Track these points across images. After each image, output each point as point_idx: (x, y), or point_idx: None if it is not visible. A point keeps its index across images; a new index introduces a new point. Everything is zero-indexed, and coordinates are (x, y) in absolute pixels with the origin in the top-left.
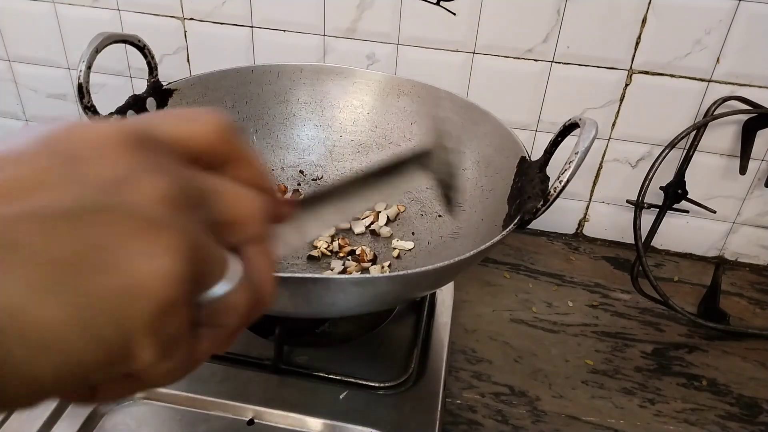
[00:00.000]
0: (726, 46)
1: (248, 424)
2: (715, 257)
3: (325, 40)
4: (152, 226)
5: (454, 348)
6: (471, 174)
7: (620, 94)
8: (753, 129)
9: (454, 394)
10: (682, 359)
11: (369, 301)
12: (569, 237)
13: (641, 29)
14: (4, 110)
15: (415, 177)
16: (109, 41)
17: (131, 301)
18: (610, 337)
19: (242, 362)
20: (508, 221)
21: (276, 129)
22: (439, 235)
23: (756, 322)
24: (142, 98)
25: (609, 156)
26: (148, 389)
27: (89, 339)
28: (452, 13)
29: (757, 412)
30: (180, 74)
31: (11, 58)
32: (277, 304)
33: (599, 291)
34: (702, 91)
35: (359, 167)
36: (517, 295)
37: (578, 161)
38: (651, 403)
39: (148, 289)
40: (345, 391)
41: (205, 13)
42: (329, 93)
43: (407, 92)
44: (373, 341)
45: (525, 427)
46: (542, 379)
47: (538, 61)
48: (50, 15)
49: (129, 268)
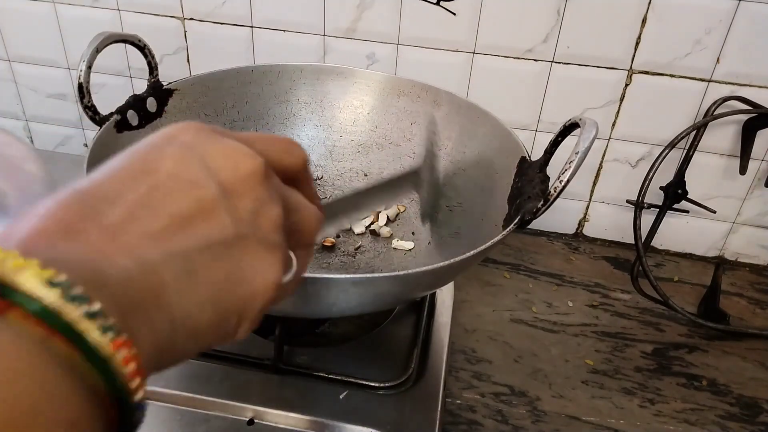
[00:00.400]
0: (726, 46)
1: (248, 424)
2: (715, 257)
3: (325, 40)
4: (270, 248)
5: (454, 348)
6: (471, 174)
7: (620, 94)
8: (753, 129)
9: (454, 394)
10: (682, 359)
11: (369, 301)
12: (569, 237)
13: (641, 29)
14: (4, 110)
15: (406, 192)
16: (109, 41)
17: (252, 303)
18: (610, 337)
19: (242, 362)
20: (508, 221)
21: (276, 129)
22: (439, 235)
23: (756, 322)
24: (142, 98)
25: (609, 156)
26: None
27: (219, 329)
28: (452, 13)
29: (757, 412)
30: (180, 74)
31: (11, 58)
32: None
33: (599, 291)
34: (702, 91)
35: (359, 167)
36: (517, 295)
37: (578, 161)
38: (651, 403)
39: (262, 294)
40: (345, 391)
41: (205, 13)
42: (329, 93)
43: (407, 92)
44: (373, 341)
45: (525, 427)
46: (542, 379)
47: (538, 61)
48: (50, 15)
49: (254, 280)
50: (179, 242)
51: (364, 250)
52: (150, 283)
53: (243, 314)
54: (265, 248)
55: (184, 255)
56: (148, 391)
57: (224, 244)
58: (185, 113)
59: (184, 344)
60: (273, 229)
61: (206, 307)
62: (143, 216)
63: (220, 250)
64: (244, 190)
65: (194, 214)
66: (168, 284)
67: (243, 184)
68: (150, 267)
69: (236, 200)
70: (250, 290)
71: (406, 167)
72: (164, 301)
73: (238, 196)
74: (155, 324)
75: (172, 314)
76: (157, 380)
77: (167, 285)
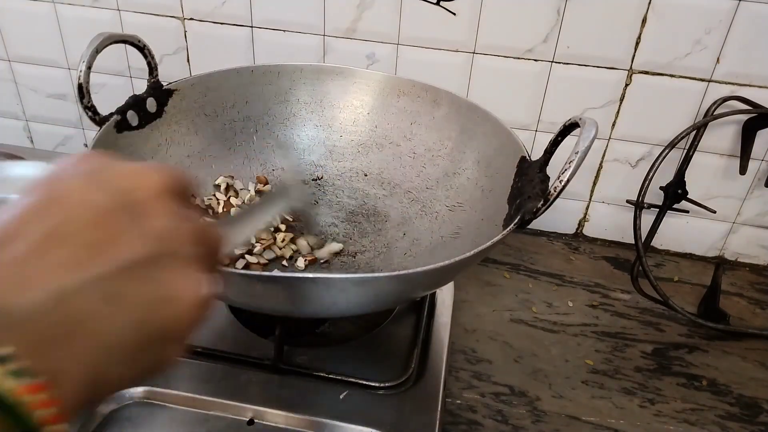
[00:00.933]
0: (726, 46)
1: (248, 424)
2: (715, 257)
3: (325, 40)
4: (188, 263)
5: (454, 348)
6: (471, 174)
7: (620, 94)
8: (753, 129)
9: (454, 394)
10: (682, 359)
11: (369, 301)
12: (569, 237)
13: (641, 29)
14: (4, 110)
15: (282, 204)
16: (109, 41)
17: (180, 322)
18: (610, 337)
19: (242, 362)
20: (508, 221)
21: (276, 129)
22: (439, 235)
23: (756, 322)
24: (142, 98)
25: (609, 156)
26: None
27: (150, 352)
28: (452, 13)
29: (757, 412)
30: (180, 74)
31: (11, 58)
32: (277, 304)
33: (599, 291)
34: (702, 91)
35: (359, 167)
36: (517, 295)
37: (578, 161)
38: (651, 403)
39: (188, 311)
40: (345, 391)
41: (205, 13)
42: (329, 93)
43: (407, 92)
44: (373, 341)
45: (525, 427)
46: (542, 379)
47: (538, 61)
48: (50, 15)
49: (179, 298)
50: (94, 268)
51: (364, 250)
52: (68, 313)
53: (172, 334)
54: (183, 264)
55: (101, 280)
56: (149, 391)
57: (141, 265)
58: (185, 113)
59: (118, 371)
60: (188, 244)
61: (134, 330)
62: (53, 247)
63: (138, 271)
64: (153, 208)
65: (105, 238)
66: (89, 312)
67: (151, 202)
68: (66, 297)
69: (146, 219)
70: (177, 308)
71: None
72: (88, 329)
73: (147, 215)
74: (82, 354)
75: (99, 341)
76: (157, 380)
77: (88, 312)
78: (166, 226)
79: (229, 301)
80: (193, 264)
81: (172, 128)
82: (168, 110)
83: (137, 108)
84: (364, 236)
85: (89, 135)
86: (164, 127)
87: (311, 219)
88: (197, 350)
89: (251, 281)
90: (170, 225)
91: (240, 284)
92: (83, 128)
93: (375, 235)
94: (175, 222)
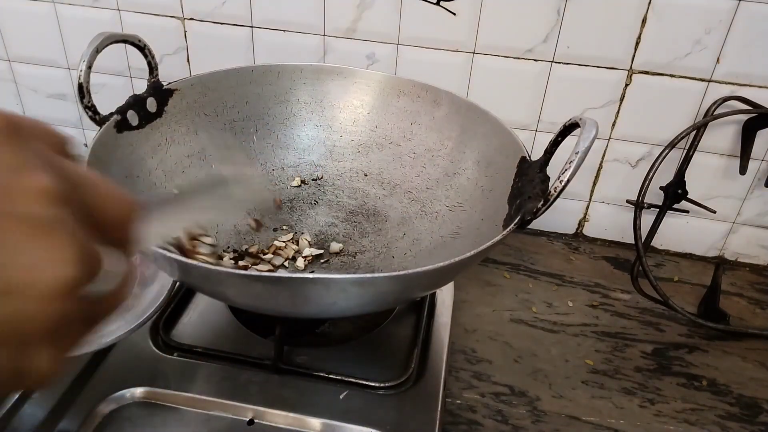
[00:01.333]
0: (726, 46)
1: (248, 424)
2: (715, 257)
3: (325, 40)
4: (40, 228)
5: (454, 348)
6: (471, 174)
7: (620, 94)
8: (753, 129)
9: (454, 394)
10: (682, 359)
11: (369, 301)
12: (569, 237)
13: (641, 29)
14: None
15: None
16: (109, 41)
17: (28, 313)
18: (610, 337)
19: (242, 362)
20: (508, 221)
21: (276, 129)
22: (439, 235)
23: (756, 322)
24: (142, 98)
25: (609, 156)
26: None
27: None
28: (452, 13)
29: (757, 412)
30: (180, 74)
31: (11, 58)
32: (277, 304)
33: (599, 291)
34: (702, 91)
35: (359, 167)
36: (517, 295)
37: (578, 161)
38: (651, 403)
39: (40, 298)
40: (345, 391)
41: (205, 13)
42: (329, 93)
43: (407, 92)
44: (373, 341)
45: (525, 427)
46: (542, 379)
47: (538, 61)
48: (50, 15)
49: (25, 276)
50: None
51: (364, 250)
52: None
53: (21, 332)
54: (31, 228)
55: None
56: (149, 391)
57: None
58: (185, 113)
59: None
60: (40, 201)
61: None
62: None
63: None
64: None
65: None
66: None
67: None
68: None
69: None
70: (23, 292)
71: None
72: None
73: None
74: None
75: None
76: (157, 380)
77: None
78: (2, 176)
79: (229, 301)
80: (56, 231)
81: (172, 128)
82: (168, 110)
83: (137, 108)
84: (364, 236)
85: (89, 135)
86: (164, 126)
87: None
88: (197, 350)
89: (251, 282)
90: (10, 175)
91: (240, 284)
92: (83, 128)
93: (375, 235)
94: (20, 171)
